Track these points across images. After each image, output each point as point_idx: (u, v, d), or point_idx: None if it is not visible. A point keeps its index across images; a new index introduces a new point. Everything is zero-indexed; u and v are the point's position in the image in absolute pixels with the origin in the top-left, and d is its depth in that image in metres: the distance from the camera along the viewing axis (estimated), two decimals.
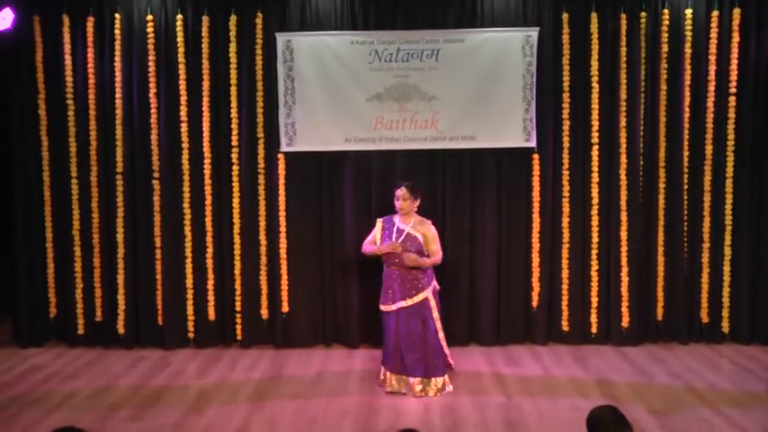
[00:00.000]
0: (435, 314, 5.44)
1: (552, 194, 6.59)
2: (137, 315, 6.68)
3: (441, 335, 5.47)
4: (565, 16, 6.45)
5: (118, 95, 6.51)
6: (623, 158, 6.51)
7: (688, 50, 6.46)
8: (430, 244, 5.44)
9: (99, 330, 6.69)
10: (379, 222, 5.62)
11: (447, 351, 5.54)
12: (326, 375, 5.88)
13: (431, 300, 5.42)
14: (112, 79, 6.52)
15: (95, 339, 6.68)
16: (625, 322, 6.54)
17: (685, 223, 6.61)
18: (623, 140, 6.50)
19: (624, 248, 6.54)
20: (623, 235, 6.53)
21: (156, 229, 6.62)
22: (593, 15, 6.42)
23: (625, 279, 6.54)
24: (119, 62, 6.49)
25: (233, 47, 6.48)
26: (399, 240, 5.38)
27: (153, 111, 6.54)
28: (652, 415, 4.92)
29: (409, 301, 5.36)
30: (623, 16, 6.42)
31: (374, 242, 5.56)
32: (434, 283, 5.52)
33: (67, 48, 6.54)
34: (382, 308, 5.50)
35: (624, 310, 6.54)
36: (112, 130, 6.55)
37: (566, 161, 6.58)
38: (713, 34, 6.44)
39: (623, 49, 6.44)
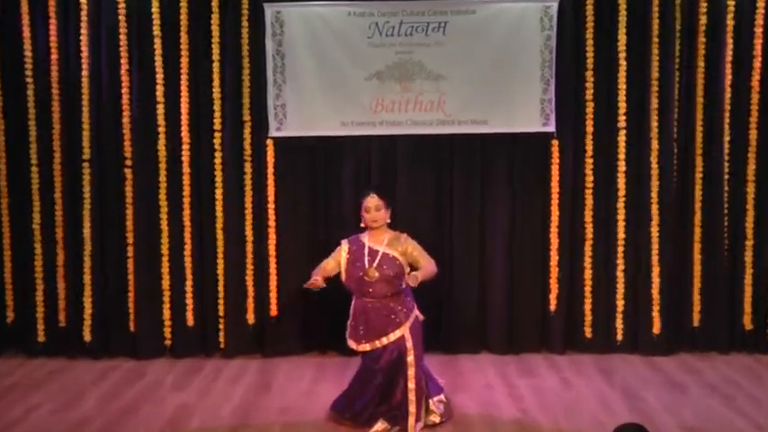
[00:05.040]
0: (410, 357, 4.80)
1: (573, 185, 6.55)
2: (105, 320, 6.64)
3: (411, 385, 4.79)
4: None
5: (84, 73, 6.44)
6: (654, 144, 6.46)
7: (730, 22, 6.39)
8: (419, 260, 4.88)
9: (62, 337, 6.64)
10: (344, 245, 5.01)
11: (413, 408, 4.79)
12: (320, 386, 5.84)
13: (407, 339, 4.83)
14: (78, 54, 6.44)
15: (58, 348, 6.63)
16: (656, 329, 6.50)
17: (726, 218, 6.57)
18: (654, 124, 6.44)
19: (655, 246, 6.49)
20: (654, 231, 6.49)
21: (128, 224, 6.58)
22: None
23: (656, 280, 6.49)
24: (85, 35, 6.41)
25: (215, 18, 6.41)
26: (374, 264, 4.85)
27: (125, 90, 6.48)
28: None
29: (384, 340, 4.83)
30: None
31: (333, 269, 4.97)
32: (415, 312, 4.95)
33: (26, 19, 6.45)
34: (351, 344, 4.97)
35: (655, 315, 6.50)
36: (78, 112, 6.48)
37: (589, 148, 6.53)
38: (760, 3, 6.37)
39: (655, 22, 6.37)
